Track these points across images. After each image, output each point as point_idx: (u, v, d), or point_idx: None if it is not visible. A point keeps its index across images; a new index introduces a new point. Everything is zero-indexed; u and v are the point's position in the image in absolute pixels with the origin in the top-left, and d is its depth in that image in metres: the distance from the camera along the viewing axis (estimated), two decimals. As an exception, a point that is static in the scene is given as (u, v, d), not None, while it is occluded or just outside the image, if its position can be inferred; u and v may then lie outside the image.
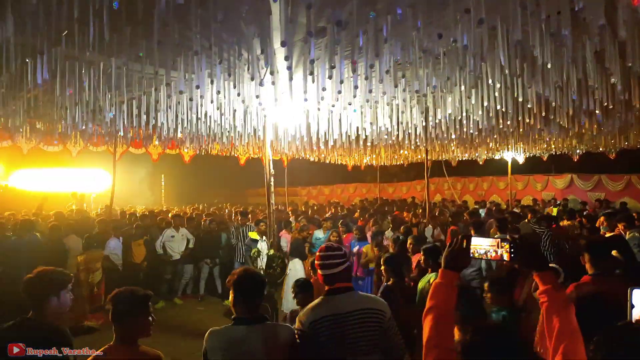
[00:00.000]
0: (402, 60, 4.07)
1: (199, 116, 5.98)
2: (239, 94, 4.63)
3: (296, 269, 7.33)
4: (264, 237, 7.08)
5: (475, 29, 3.42)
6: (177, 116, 6.13)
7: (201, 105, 5.61)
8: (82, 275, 7.13)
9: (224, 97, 5.10)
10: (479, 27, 3.42)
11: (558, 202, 14.27)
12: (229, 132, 7.43)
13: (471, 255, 1.77)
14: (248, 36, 3.81)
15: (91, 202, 15.08)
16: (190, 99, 4.92)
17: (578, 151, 12.15)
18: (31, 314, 2.47)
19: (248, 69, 4.07)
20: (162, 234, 8.81)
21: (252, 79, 4.03)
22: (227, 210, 14.61)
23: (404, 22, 3.32)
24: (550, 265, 1.96)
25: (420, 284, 4.48)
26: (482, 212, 12.05)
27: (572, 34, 3.73)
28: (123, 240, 8.18)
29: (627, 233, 5.90)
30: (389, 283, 4.33)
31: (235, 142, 9.56)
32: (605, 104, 5.79)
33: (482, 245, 1.75)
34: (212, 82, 4.37)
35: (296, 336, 2.49)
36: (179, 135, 7.60)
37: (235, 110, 5.87)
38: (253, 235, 7.92)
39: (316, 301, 2.64)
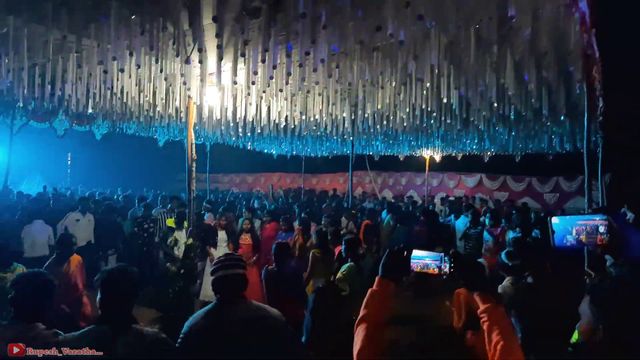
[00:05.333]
0: (337, 51, 3.98)
1: (114, 91, 5.43)
2: (161, 71, 4.25)
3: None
4: (184, 225, 6.71)
5: (411, 27, 3.43)
6: (88, 89, 5.53)
7: (117, 79, 5.09)
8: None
9: (144, 72, 4.67)
10: (415, 25, 3.43)
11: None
12: (147, 111, 6.88)
13: (412, 269, 1.73)
14: (174, 8, 3.48)
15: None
16: (105, 72, 4.42)
17: (489, 153, 13.05)
18: None
19: (173, 44, 3.73)
20: (64, 217, 8.03)
21: (178, 55, 3.70)
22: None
23: (343, 10, 3.22)
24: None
25: (338, 274, 4.61)
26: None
27: (497, 41, 3.90)
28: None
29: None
30: (268, 267, 4.82)
31: (155, 123, 8.92)
32: (519, 110, 6.22)
33: (423, 259, 1.73)
34: (131, 54, 3.95)
35: (166, 342, 2.30)
36: (90, 110, 6.89)
37: (156, 88, 5.41)
38: (170, 223, 7.49)
39: (207, 308, 2.48)
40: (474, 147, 11.92)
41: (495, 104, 5.71)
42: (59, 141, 13.05)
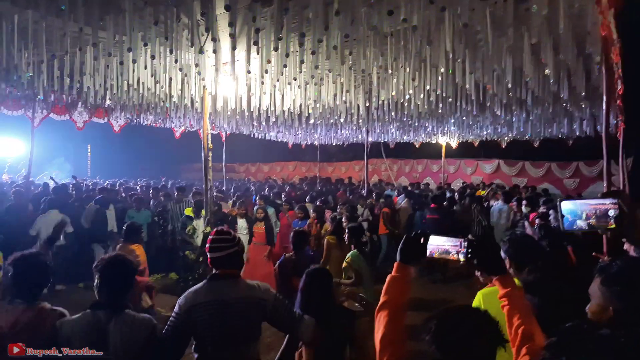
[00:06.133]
0: (350, 37, 3.96)
1: (131, 83, 5.51)
2: (176, 61, 4.30)
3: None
4: (202, 214, 6.82)
5: (424, 11, 3.39)
6: (105, 81, 5.62)
7: (133, 70, 5.17)
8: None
9: (160, 63, 4.73)
10: (428, 9, 3.40)
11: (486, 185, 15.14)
12: (164, 102, 6.97)
13: (431, 255, 1.74)
14: (187, -3, 3.51)
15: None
16: (121, 63, 4.49)
17: (506, 138, 12.84)
18: None
19: (187, 34, 3.76)
20: (86, 209, 8.21)
21: (192, 45, 3.73)
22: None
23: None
24: None
25: (343, 263, 4.67)
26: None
27: (513, 23, 3.83)
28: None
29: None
30: (286, 254, 4.77)
31: (171, 114, 9.03)
32: (537, 94, 6.10)
33: (442, 245, 1.74)
34: (145, 45, 4.00)
35: (156, 328, 2.35)
36: (108, 102, 7.01)
37: (171, 79, 5.48)
38: (188, 212, 7.62)
39: (199, 285, 2.52)
40: (491, 132, 11.74)
41: (511, 86, 5.60)
42: (79, 133, 13.30)
